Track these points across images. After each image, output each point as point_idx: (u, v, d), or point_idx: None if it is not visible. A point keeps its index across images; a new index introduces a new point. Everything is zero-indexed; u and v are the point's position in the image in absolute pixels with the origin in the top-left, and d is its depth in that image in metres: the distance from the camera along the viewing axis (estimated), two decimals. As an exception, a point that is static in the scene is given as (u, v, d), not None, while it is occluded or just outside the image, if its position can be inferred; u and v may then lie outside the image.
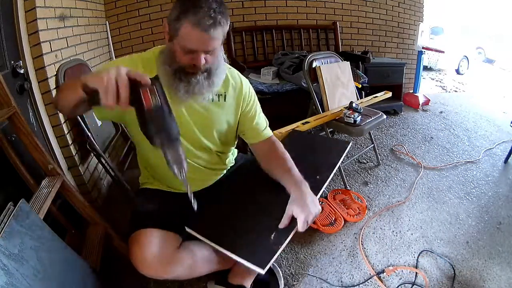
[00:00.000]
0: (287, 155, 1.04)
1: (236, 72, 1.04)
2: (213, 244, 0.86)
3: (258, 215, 0.93)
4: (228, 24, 0.82)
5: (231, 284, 1.09)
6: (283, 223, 0.88)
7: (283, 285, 1.19)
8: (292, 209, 0.89)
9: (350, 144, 1.25)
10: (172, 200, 1.05)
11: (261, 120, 1.10)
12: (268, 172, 1.04)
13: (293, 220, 0.88)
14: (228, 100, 1.00)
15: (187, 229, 0.91)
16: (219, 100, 0.98)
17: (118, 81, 0.58)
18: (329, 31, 2.98)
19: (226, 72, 0.94)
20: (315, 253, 1.37)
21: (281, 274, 1.21)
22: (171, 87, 0.84)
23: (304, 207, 0.88)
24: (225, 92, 0.99)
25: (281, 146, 1.07)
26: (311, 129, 1.81)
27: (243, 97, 1.03)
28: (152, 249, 0.88)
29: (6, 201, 0.74)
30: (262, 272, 0.76)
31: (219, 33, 0.79)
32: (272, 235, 0.84)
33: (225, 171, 1.17)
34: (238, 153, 1.28)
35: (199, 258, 0.98)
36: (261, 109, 1.11)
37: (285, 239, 0.83)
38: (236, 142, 1.16)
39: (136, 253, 0.88)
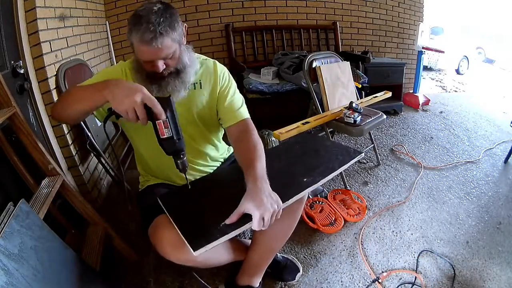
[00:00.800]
0: (259, 144, 0.97)
1: (212, 61, 1.08)
2: (169, 217, 0.84)
3: (222, 203, 0.88)
4: (179, 27, 0.86)
5: (239, 286, 1.11)
6: (231, 219, 0.80)
7: (301, 269, 1.25)
8: (245, 205, 0.80)
9: (363, 154, 1.14)
10: (175, 193, 1.06)
11: (236, 100, 1.07)
12: (237, 160, 0.99)
13: (246, 216, 0.81)
14: (204, 86, 1.05)
15: (158, 200, 0.92)
16: (194, 88, 1.03)
17: (137, 110, 0.72)
18: (329, 31, 2.98)
19: (197, 65, 1.00)
20: (315, 253, 1.37)
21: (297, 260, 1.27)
22: (148, 90, 0.86)
23: (260, 203, 0.79)
24: (200, 80, 1.04)
25: (255, 133, 1.02)
26: (311, 129, 1.81)
27: (218, 78, 1.06)
28: (176, 231, 0.84)
29: (6, 201, 0.74)
30: (193, 254, 0.73)
31: (166, 41, 0.83)
32: (222, 224, 0.79)
33: (220, 163, 1.19)
34: None
35: (224, 246, 1.02)
36: (238, 92, 1.11)
37: (231, 231, 0.78)
38: (220, 128, 1.15)
39: (162, 240, 0.85)
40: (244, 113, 1.07)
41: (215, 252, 0.97)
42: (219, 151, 1.18)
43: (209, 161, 1.14)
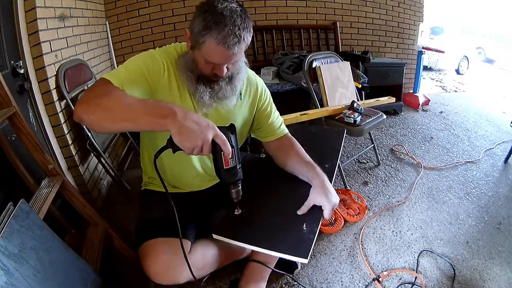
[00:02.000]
0: (303, 150, 1.06)
1: (252, 72, 1.06)
2: (249, 246, 0.86)
3: (280, 209, 0.94)
4: (251, 34, 0.82)
5: None
6: (302, 210, 0.90)
7: (300, 264, 1.26)
8: (315, 198, 0.90)
9: (345, 130, 1.30)
10: (179, 202, 1.03)
11: (276, 118, 1.11)
12: (286, 167, 1.06)
13: (314, 209, 0.90)
14: (244, 99, 1.03)
15: (215, 236, 0.89)
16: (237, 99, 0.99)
17: (204, 147, 0.66)
18: (329, 31, 2.98)
19: (245, 72, 0.95)
20: (315, 253, 1.37)
21: None
22: (196, 92, 0.87)
23: (329, 196, 0.90)
24: (241, 92, 1.00)
25: (297, 143, 1.09)
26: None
27: (259, 96, 1.05)
28: (164, 258, 0.87)
29: (6, 201, 0.74)
30: (306, 261, 0.79)
31: (243, 48, 0.80)
32: (304, 225, 0.86)
33: None
34: None
35: (209, 258, 0.99)
36: (276, 108, 1.13)
37: (317, 228, 0.86)
38: (243, 141, 1.17)
39: (149, 265, 0.88)
40: (285, 129, 1.12)
41: (202, 269, 0.96)
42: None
43: None
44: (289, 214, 0.91)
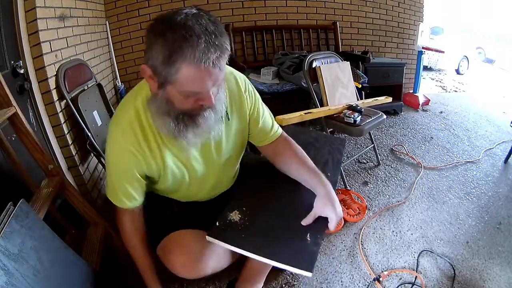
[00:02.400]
0: (304, 153, 0.97)
1: (231, 74, 0.88)
2: (246, 253, 0.78)
3: (284, 217, 0.88)
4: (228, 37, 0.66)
5: None
6: (307, 221, 0.83)
7: None
8: (321, 209, 0.84)
9: (345, 140, 1.26)
10: (186, 204, 1.03)
11: (267, 120, 0.97)
12: (286, 172, 0.98)
13: (319, 219, 0.84)
14: (232, 115, 0.88)
15: (208, 238, 0.81)
16: (223, 122, 0.83)
17: None
18: (329, 31, 2.97)
19: (224, 89, 0.78)
20: (315, 253, 1.37)
21: None
22: (178, 137, 0.73)
23: (335, 207, 0.84)
24: (226, 110, 0.84)
25: (295, 144, 0.99)
26: (311, 128, 1.82)
27: (245, 99, 0.89)
28: (191, 249, 0.87)
29: (6, 201, 0.74)
30: (310, 275, 0.73)
31: (226, 60, 0.64)
32: (308, 236, 0.81)
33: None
34: None
35: (223, 249, 0.97)
36: (265, 107, 0.98)
37: (321, 239, 0.84)
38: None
39: (174, 259, 0.87)
40: (278, 129, 0.99)
41: (219, 261, 0.97)
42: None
43: (233, 178, 1.09)
44: (292, 222, 0.85)
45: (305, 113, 1.69)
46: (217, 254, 0.94)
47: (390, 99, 2.22)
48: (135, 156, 0.78)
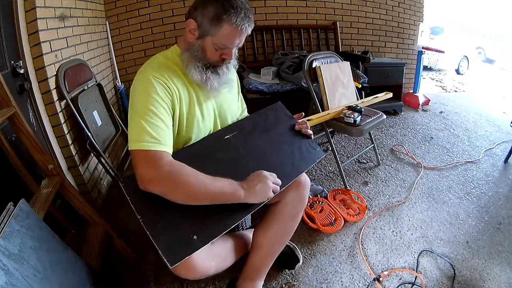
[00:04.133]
0: None
1: None
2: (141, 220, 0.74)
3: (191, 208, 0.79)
4: None
5: None
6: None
7: (301, 260, 1.28)
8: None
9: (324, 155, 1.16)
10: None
11: (242, 99, 1.18)
12: None
13: (211, 220, 0.79)
14: (234, 84, 1.07)
15: (120, 184, 0.79)
16: (228, 87, 1.01)
17: (275, 191, 0.89)
18: (329, 31, 2.98)
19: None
20: (315, 253, 1.37)
21: (298, 250, 1.30)
22: (207, 81, 0.90)
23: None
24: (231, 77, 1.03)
25: None
26: (311, 128, 1.81)
27: (236, 76, 1.10)
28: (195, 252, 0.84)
29: (6, 201, 0.74)
30: (170, 267, 0.71)
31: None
32: (194, 236, 0.75)
33: None
34: None
35: (229, 248, 1.03)
36: None
37: (210, 240, 0.76)
38: None
39: (180, 268, 0.82)
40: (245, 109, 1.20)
41: (224, 260, 0.98)
42: None
43: None
44: (192, 213, 0.77)
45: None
46: (220, 255, 0.95)
47: (390, 95, 2.21)
48: (167, 87, 0.85)
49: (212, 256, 0.91)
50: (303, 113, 1.18)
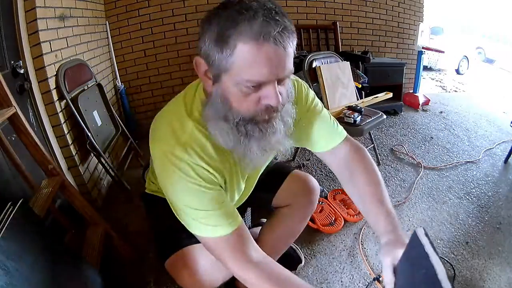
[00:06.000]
0: (377, 169, 0.75)
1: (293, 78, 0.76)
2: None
3: None
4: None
5: None
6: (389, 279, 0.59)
7: (303, 261, 1.28)
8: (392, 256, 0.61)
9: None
10: None
11: (329, 115, 0.79)
12: (350, 195, 0.78)
13: None
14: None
15: None
16: None
17: None
18: (329, 31, 2.97)
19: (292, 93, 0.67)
20: (315, 253, 1.37)
21: (300, 250, 1.30)
22: (238, 149, 0.60)
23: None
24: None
25: (366, 152, 0.78)
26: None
27: (303, 97, 0.76)
28: (202, 264, 0.78)
29: (6, 201, 0.74)
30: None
31: (293, 44, 0.53)
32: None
33: None
34: None
35: None
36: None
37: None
38: None
39: (184, 278, 0.78)
40: (343, 130, 0.80)
41: None
42: None
43: None
44: None
45: None
46: None
47: (390, 95, 2.22)
48: (208, 171, 0.62)
49: (218, 269, 0.76)
50: None
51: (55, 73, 1.48)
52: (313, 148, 0.81)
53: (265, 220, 1.19)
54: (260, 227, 1.13)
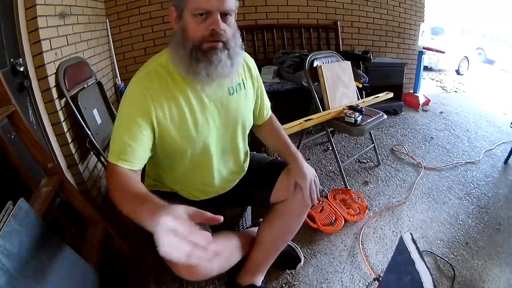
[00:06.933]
0: (281, 127, 1.11)
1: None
2: None
3: None
4: None
5: (241, 286, 1.08)
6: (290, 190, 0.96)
7: (303, 260, 1.28)
8: (294, 177, 0.95)
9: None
10: (186, 202, 0.97)
11: (266, 96, 1.08)
12: (268, 145, 1.20)
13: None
14: (248, 87, 0.95)
15: None
16: (239, 91, 0.91)
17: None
18: (330, 31, 2.97)
19: (242, 55, 0.85)
20: (315, 252, 1.37)
21: (299, 250, 1.31)
22: (190, 72, 0.76)
23: (305, 174, 0.94)
24: (242, 80, 0.93)
25: (275, 118, 1.12)
26: (311, 128, 1.81)
27: (255, 76, 0.98)
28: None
29: (5, 200, 0.74)
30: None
31: None
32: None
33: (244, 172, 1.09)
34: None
35: (233, 246, 1.00)
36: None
37: None
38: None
39: (180, 267, 0.81)
40: (269, 109, 1.12)
41: (229, 259, 0.96)
42: (247, 157, 1.10)
43: (240, 168, 1.07)
44: None
45: (305, 121, 1.67)
46: (224, 254, 0.92)
47: (391, 95, 2.21)
48: (145, 97, 0.77)
49: (217, 258, 0.82)
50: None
51: (55, 71, 1.47)
52: (257, 120, 1.08)
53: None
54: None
